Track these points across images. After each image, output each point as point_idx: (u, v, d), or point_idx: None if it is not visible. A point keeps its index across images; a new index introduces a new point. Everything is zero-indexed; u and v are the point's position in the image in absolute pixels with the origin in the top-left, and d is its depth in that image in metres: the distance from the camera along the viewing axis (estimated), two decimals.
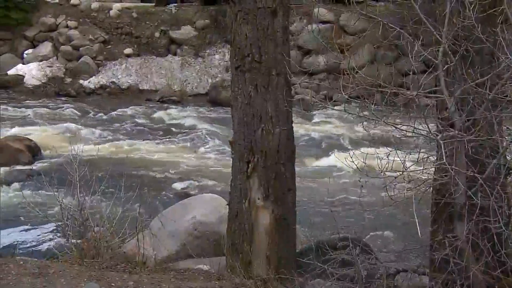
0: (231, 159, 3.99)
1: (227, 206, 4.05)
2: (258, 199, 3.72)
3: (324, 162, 9.65)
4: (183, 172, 9.05)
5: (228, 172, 8.60)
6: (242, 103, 3.74)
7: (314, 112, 12.91)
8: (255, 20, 3.56)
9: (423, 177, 2.89)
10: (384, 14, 3.31)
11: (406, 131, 2.78)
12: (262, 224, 3.72)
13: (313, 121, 12.71)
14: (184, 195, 7.47)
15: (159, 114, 14.07)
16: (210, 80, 17.04)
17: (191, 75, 17.45)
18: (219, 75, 17.20)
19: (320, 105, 12.15)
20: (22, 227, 6.27)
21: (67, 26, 18.82)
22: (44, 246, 5.57)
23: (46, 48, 18.49)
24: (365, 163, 3.08)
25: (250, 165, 3.74)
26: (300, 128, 10.66)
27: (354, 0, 3.18)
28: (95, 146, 10.21)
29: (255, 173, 3.73)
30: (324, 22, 16.00)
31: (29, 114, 13.65)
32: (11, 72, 17.63)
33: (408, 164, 2.76)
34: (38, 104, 15.08)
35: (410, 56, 2.70)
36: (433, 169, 2.93)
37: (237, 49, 3.69)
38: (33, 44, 18.88)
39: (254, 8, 3.55)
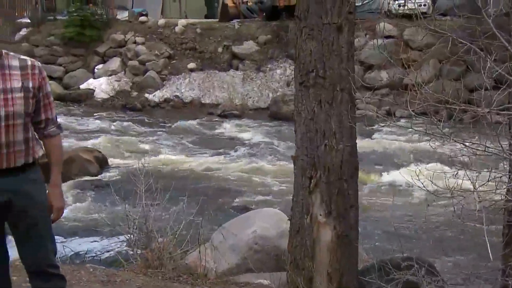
0: (293, 174, 3.99)
1: (288, 221, 4.04)
2: (320, 215, 3.69)
3: (388, 179, 9.44)
4: (244, 185, 9.12)
5: (288, 187, 8.59)
6: (305, 118, 3.74)
7: (377, 128, 12.70)
8: (320, 36, 3.56)
9: (494, 198, 2.78)
10: (453, 29, 3.23)
11: (476, 149, 2.68)
12: (324, 240, 3.68)
13: (376, 137, 12.48)
14: (244, 208, 7.53)
15: (220, 127, 14.30)
16: (271, 95, 17.14)
17: (252, 89, 17.64)
18: (280, 90, 17.28)
19: (383, 121, 11.94)
20: (90, 235, 6.52)
21: (135, 42, 19.56)
22: (111, 255, 5.75)
23: (115, 63, 19.28)
24: (432, 182, 2.99)
25: (312, 180, 3.72)
26: (363, 144, 10.51)
27: (420, 15, 3.12)
28: (159, 158, 10.52)
29: (317, 188, 3.70)
30: (387, 37, 15.77)
31: (97, 126, 14.26)
32: (83, 86, 18.50)
33: (478, 184, 2.65)
34: (106, 117, 15.72)
35: (482, 72, 2.61)
36: (506, 189, 2.81)
37: (301, 65, 3.70)
38: (104, 60, 19.74)
39: (319, 24, 3.55)
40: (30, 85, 2.52)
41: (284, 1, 18.84)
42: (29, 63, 2.57)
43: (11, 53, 2.57)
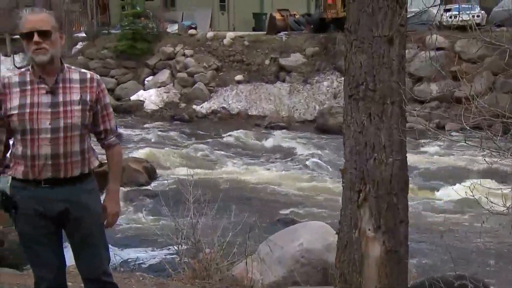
0: (340, 187, 3.95)
1: (335, 235, 3.99)
2: (369, 229, 3.63)
3: (439, 194, 9.19)
4: (289, 197, 9.10)
5: (334, 199, 8.51)
6: (354, 131, 3.70)
7: (427, 142, 12.41)
8: (371, 49, 3.53)
9: None
10: (509, 40, 3.14)
11: None
12: (372, 255, 3.62)
13: (427, 151, 12.20)
14: (290, 221, 7.50)
15: (267, 139, 14.34)
16: (317, 107, 17.07)
17: (299, 101, 17.63)
18: (326, 102, 17.20)
19: (434, 135, 11.65)
20: (139, 244, 6.64)
21: (184, 55, 19.97)
22: (159, 264, 5.84)
23: (164, 75, 19.73)
24: (487, 198, 2.89)
25: (361, 194, 3.67)
26: (413, 158, 10.29)
27: (475, 26, 3.05)
28: (206, 169, 10.64)
29: (366, 203, 3.65)
30: (438, 49, 15.44)
31: (146, 137, 14.58)
32: (133, 97, 19.01)
33: None
34: (155, 127, 16.06)
35: None
36: None
37: (351, 78, 3.67)
38: (153, 72, 20.24)
39: (370, 37, 3.52)
40: (88, 98, 2.61)
41: (332, 13, 18.80)
42: (88, 76, 2.67)
43: (73, 67, 2.68)
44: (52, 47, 2.51)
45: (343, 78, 14.65)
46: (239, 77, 19.03)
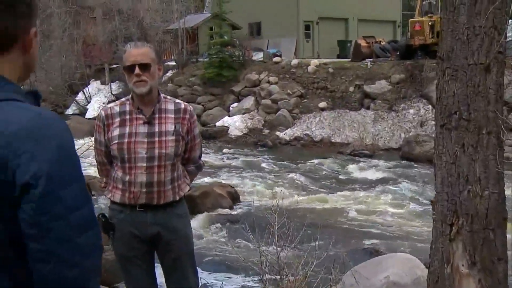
0: (428, 219, 3.79)
1: (424, 269, 3.83)
2: (463, 265, 3.44)
3: None
4: (374, 227, 8.86)
5: (421, 231, 8.19)
6: (446, 162, 3.56)
7: None
8: (465, 77, 3.40)
9: None
10: None
11: None
12: None
13: None
14: (374, 251, 7.29)
15: (350, 167, 14.13)
16: (403, 135, 16.62)
17: (383, 129, 17.27)
18: (413, 130, 16.70)
19: None
20: (222, 268, 6.72)
21: (268, 82, 20.31)
22: None
23: (249, 102, 20.14)
24: None
25: (453, 228, 3.50)
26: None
27: None
28: (290, 196, 10.64)
29: (459, 237, 3.47)
30: None
31: (231, 162, 14.88)
32: (218, 123, 19.55)
33: None
34: (239, 153, 16.35)
35: None
36: None
37: (443, 107, 3.55)
38: (239, 99, 20.74)
39: (465, 64, 3.40)
40: (181, 128, 2.73)
41: (420, 40, 18.38)
42: (182, 107, 2.79)
43: (168, 97, 2.83)
44: (151, 79, 2.66)
45: (430, 106, 14.30)
46: (322, 104, 19.01)
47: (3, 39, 1.15)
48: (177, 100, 2.85)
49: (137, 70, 2.62)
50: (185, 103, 2.90)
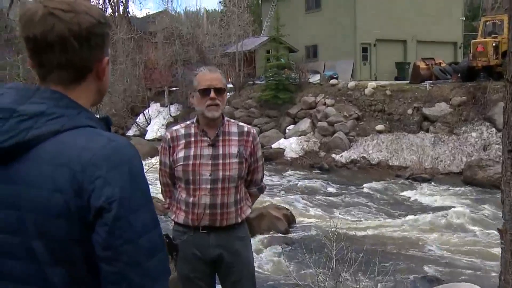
0: (496, 248, 3.66)
1: None
2: None
3: None
4: (435, 254, 8.58)
5: (485, 261, 7.84)
6: None
7: None
8: None
9: None
10: None
11: None
12: None
13: None
14: (435, 279, 7.06)
15: (409, 191, 13.79)
16: (464, 159, 16.08)
17: (444, 152, 16.78)
18: (475, 154, 16.13)
19: None
20: None
21: (325, 104, 20.27)
22: None
23: (305, 124, 20.14)
24: None
25: None
26: None
27: None
28: (346, 220, 10.51)
29: None
30: None
31: (286, 185, 14.87)
32: (274, 145, 19.64)
33: None
34: (295, 175, 16.32)
35: None
36: None
37: (511, 131, 3.45)
38: (295, 121, 20.79)
39: None
40: (244, 151, 2.78)
41: (483, 61, 17.86)
42: (246, 129, 2.85)
43: (232, 120, 2.89)
44: (223, 103, 2.74)
45: (494, 129, 13.80)
46: (380, 126, 18.75)
47: (80, 69, 1.23)
48: (240, 123, 2.91)
49: (212, 94, 2.68)
50: (248, 126, 2.94)
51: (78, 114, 1.20)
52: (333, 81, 21.57)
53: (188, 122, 2.88)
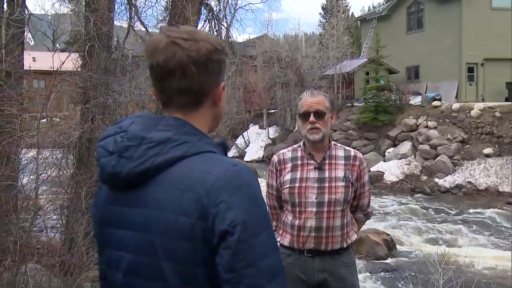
0: None
1: None
2: None
3: None
4: None
5: None
6: None
7: None
8: None
9: None
10: None
11: None
12: None
13: None
14: None
15: None
16: None
17: None
18: None
19: None
20: None
21: (427, 126, 19.52)
22: None
23: (405, 147, 19.50)
24: None
25: None
26: None
27: None
28: (451, 247, 9.96)
29: None
30: None
31: (386, 209, 14.42)
32: (373, 169, 19.17)
33: None
34: (395, 200, 15.80)
35: None
36: None
37: None
38: (394, 143, 20.21)
39: None
40: (351, 175, 2.77)
41: None
42: (352, 154, 2.84)
43: (338, 144, 2.90)
44: (325, 126, 2.75)
45: None
46: (488, 150, 17.68)
47: (198, 95, 1.30)
48: (347, 147, 2.90)
49: (311, 118, 2.72)
50: (355, 150, 2.93)
51: (200, 140, 1.26)
52: (436, 103, 20.74)
53: (295, 146, 2.92)
